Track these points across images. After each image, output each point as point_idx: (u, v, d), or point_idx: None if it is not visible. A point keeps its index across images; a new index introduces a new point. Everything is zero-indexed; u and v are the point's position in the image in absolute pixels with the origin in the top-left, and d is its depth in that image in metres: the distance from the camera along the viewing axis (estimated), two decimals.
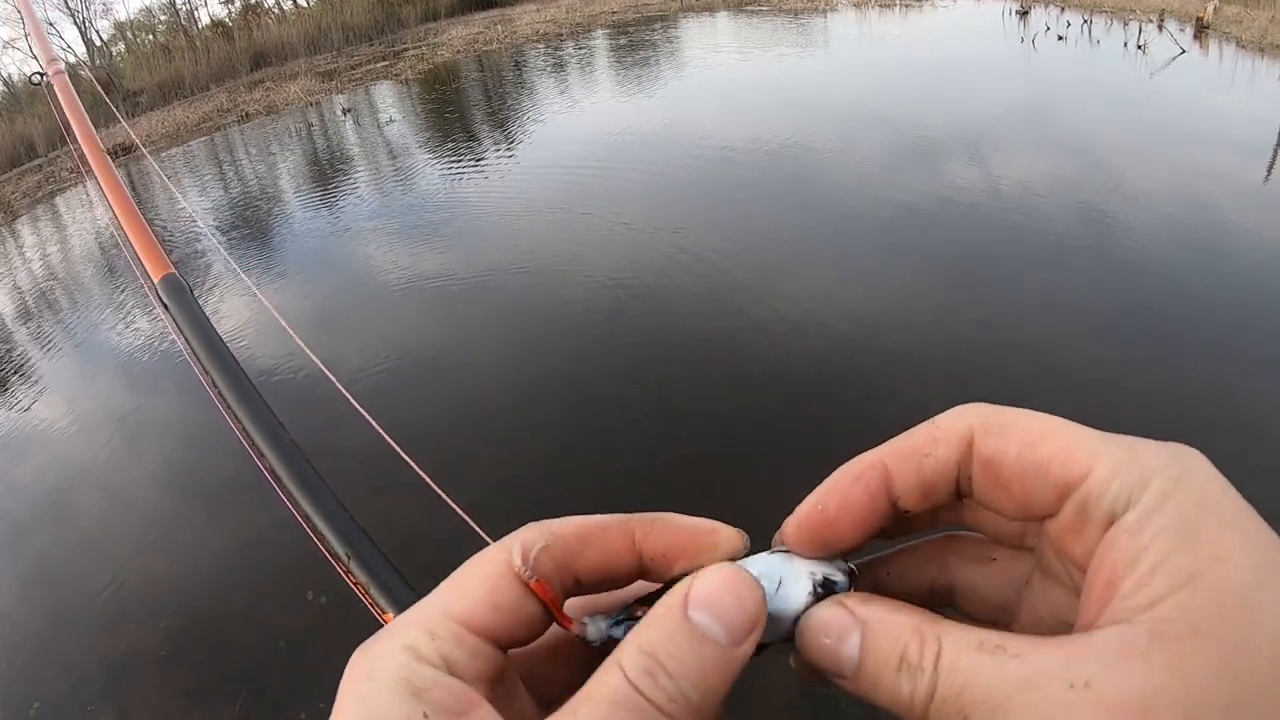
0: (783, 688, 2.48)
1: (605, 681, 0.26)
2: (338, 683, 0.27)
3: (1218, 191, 5.10)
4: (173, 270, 1.63)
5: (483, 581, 0.29)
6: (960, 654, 0.26)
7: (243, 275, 5.16)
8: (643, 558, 0.31)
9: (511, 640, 0.29)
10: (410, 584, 1.04)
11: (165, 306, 1.55)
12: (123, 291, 7.78)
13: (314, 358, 1.54)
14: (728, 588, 0.27)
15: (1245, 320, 3.87)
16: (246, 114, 15.34)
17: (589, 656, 0.30)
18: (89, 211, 11.97)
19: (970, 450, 0.30)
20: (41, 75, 2.80)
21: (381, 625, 0.29)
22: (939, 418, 0.31)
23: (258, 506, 4.16)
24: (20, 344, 7.59)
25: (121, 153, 14.35)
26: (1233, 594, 0.23)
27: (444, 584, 0.30)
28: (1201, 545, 0.24)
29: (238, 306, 6.47)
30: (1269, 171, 5.19)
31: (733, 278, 5.18)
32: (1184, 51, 8.02)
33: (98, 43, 23.42)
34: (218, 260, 7.62)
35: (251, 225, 8.92)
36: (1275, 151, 5.39)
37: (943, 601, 0.35)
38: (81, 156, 2.14)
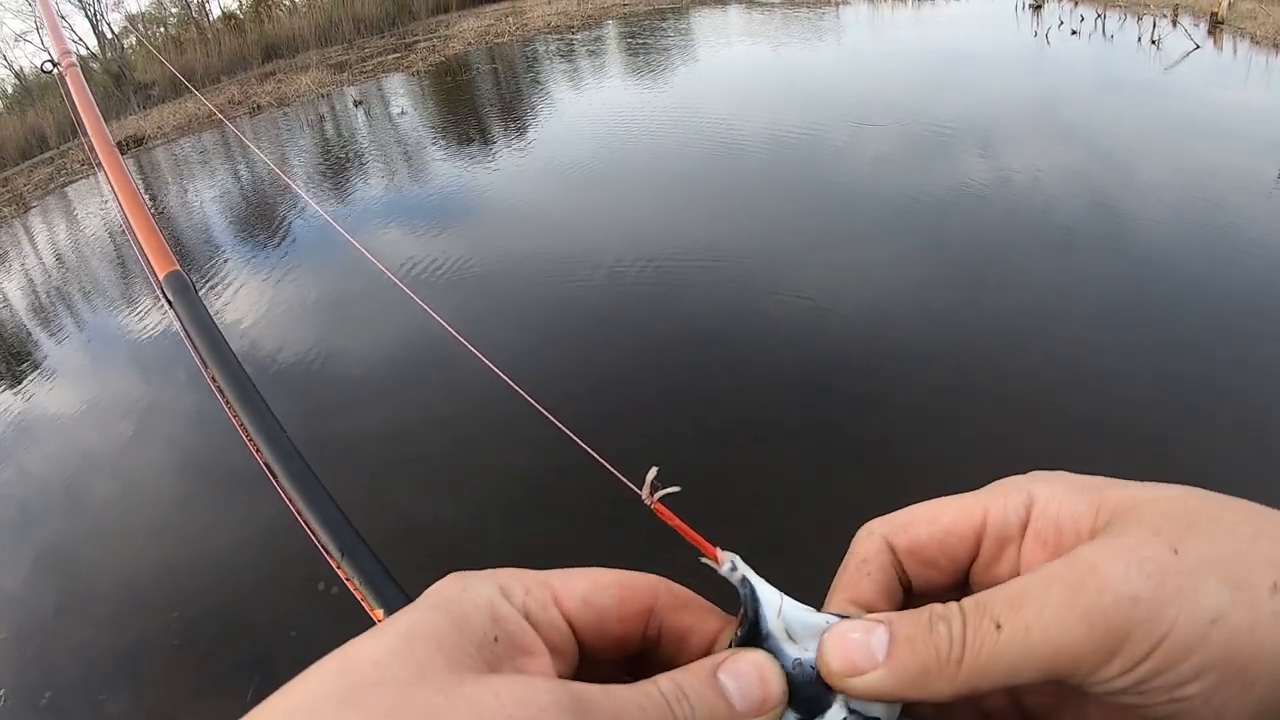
0: None
1: (642, 687, 0.30)
2: None
3: (1230, 188, 5.07)
4: (178, 268, 1.64)
5: (588, 578, 0.34)
6: (980, 594, 0.32)
7: (338, 227, 5.28)
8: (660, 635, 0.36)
9: (586, 640, 0.33)
10: (399, 584, 1.07)
11: (170, 303, 1.57)
12: (134, 282, 7.83)
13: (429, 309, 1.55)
14: (754, 668, 0.32)
15: (1254, 317, 3.85)
16: (258, 106, 15.36)
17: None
18: (101, 202, 12.04)
19: (894, 552, 0.37)
20: (54, 65, 2.69)
21: (374, 622, 0.31)
22: (854, 546, 0.38)
23: (267, 497, 4.18)
24: (34, 334, 7.65)
25: (132, 145, 14.42)
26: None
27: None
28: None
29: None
30: None
31: (745, 265, 5.20)
32: (1198, 47, 7.96)
33: (109, 35, 23.50)
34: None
35: (258, 217, 8.96)
36: None
37: None
38: (92, 150, 2.09)
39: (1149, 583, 0.28)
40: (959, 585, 0.37)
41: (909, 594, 0.37)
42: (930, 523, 0.36)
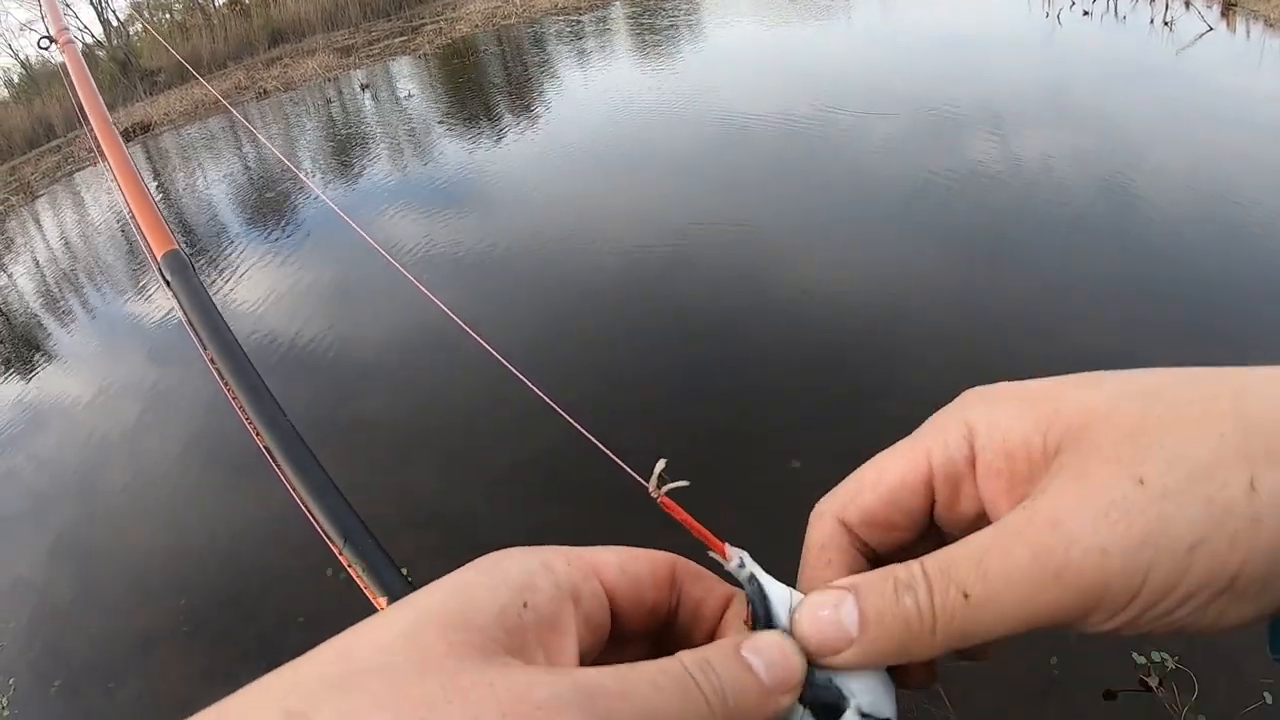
0: None
1: (659, 663, 0.30)
2: None
3: (1245, 171, 5.00)
4: (176, 246, 1.59)
5: (622, 552, 0.35)
6: (941, 553, 0.31)
7: (340, 213, 5.26)
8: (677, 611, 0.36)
9: (622, 609, 0.34)
10: (400, 569, 1.04)
11: (168, 282, 1.52)
12: (141, 265, 7.86)
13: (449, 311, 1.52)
14: (777, 645, 0.32)
15: (1265, 304, 3.81)
16: (264, 90, 15.34)
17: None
18: (106, 190, 12.06)
19: (850, 529, 0.37)
20: (51, 40, 2.58)
21: (376, 609, 0.31)
22: (809, 532, 0.37)
23: (275, 483, 4.19)
24: (42, 320, 7.70)
25: (139, 131, 14.42)
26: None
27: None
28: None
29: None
30: None
31: (755, 247, 5.19)
32: (1211, 29, 7.83)
33: (114, 22, 23.46)
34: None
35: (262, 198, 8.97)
36: None
37: None
38: (89, 127, 2.01)
39: (1116, 530, 0.27)
40: (926, 532, 0.37)
41: (878, 561, 0.36)
42: (875, 486, 0.36)
